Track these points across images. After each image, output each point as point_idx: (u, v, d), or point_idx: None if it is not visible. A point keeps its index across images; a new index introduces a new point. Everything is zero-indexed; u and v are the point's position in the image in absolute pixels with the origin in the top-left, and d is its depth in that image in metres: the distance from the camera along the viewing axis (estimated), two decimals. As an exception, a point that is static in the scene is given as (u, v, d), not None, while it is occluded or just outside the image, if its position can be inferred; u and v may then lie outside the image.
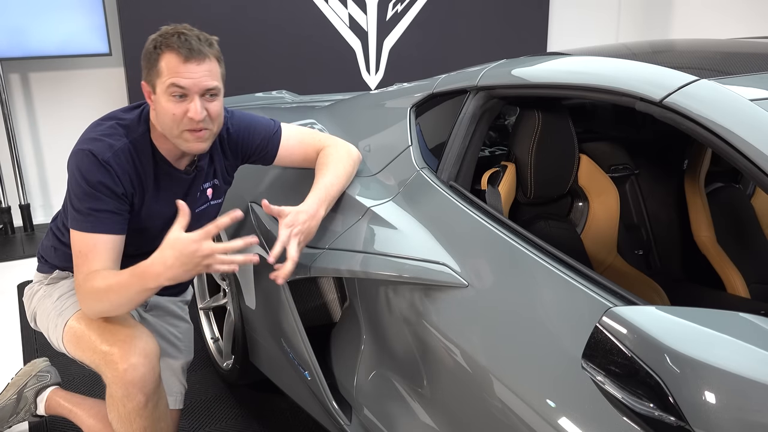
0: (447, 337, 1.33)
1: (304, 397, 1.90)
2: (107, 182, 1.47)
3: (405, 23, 4.65)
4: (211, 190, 1.71)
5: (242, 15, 4.12)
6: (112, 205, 1.49)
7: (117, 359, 1.48)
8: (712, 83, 1.17)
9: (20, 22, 3.62)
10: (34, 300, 1.76)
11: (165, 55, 1.43)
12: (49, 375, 2.02)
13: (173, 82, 1.43)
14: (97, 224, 1.47)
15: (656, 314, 0.98)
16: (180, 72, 1.43)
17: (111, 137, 1.50)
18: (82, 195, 1.47)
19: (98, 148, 1.47)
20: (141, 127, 1.55)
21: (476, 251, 1.38)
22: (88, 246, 1.48)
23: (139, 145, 1.53)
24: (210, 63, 1.46)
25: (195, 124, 1.46)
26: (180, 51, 1.42)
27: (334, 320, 1.87)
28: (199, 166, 1.64)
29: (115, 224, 1.50)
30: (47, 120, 4.06)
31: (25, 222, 4.04)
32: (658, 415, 0.93)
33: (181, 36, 1.44)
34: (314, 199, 1.61)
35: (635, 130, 2.08)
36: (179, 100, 1.45)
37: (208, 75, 1.46)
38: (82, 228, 1.48)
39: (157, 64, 1.45)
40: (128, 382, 1.49)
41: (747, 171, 1.04)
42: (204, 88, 1.46)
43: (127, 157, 1.50)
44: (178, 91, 1.44)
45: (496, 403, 1.21)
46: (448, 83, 1.75)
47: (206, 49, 1.46)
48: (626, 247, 1.98)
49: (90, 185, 1.46)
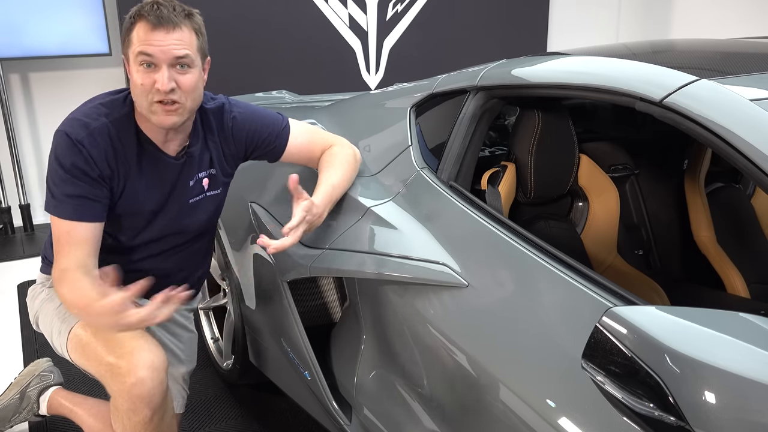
0: (447, 337, 1.33)
1: (304, 397, 1.90)
2: (80, 164, 1.42)
3: (405, 23, 4.65)
4: (207, 180, 1.64)
5: (242, 15, 4.12)
6: (86, 191, 1.44)
7: (124, 372, 1.44)
8: (712, 83, 1.17)
9: (20, 22, 3.62)
10: (37, 302, 1.72)
11: (136, 24, 1.41)
12: (52, 375, 2.02)
13: (141, 50, 1.39)
14: (72, 211, 1.44)
15: (656, 314, 0.98)
16: (148, 39, 1.39)
17: (89, 116, 1.47)
18: (57, 179, 1.44)
19: (73, 129, 1.44)
20: (125, 107, 1.51)
21: (476, 251, 1.38)
22: (61, 232, 1.45)
23: (120, 125, 1.48)
24: (181, 32, 1.41)
25: (163, 95, 1.40)
26: (149, 18, 1.39)
27: (334, 320, 1.87)
28: (190, 152, 1.59)
29: (89, 211, 1.45)
30: (47, 120, 4.06)
31: (25, 222, 4.04)
32: (658, 415, 0.93)
33: (155, 5, 1.41)
34: (322, 197, 1.59)
35: (635, 130, 2.08)
36: (147, 69, 1.40)
37: (178, 43, 1.40)
38: (57, 213, 1.45)
39: (129, 33, 1.42)
40: (135, 396, 1.44)
41: (747, 171, 1.04)
42: (172, 56, 1.40)
43: (104, 137, 1.46)
44: (146, 59, 1.39)
45: (496, 403, 1.21)
46: (448, 83, 1.75)
47: (179, 19, 1.42)
48: (626, 247, 1.98)
49: (64, 169, 1.43)
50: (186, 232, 1.67)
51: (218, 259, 2.30)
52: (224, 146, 1.66)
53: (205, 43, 1.50)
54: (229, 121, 1.65)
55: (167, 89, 1.40)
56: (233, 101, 1.69)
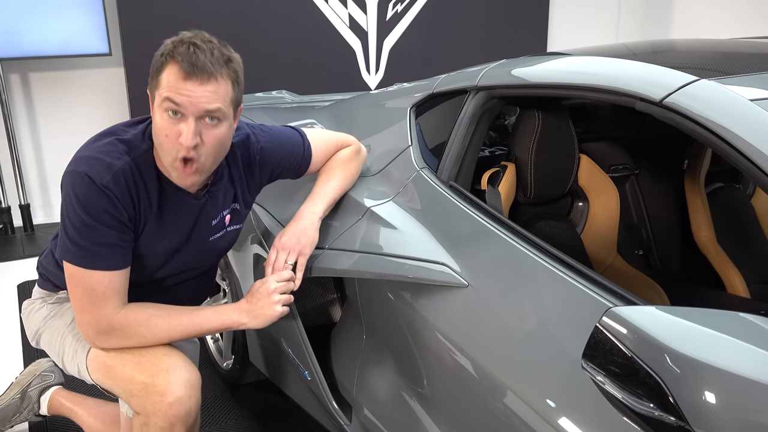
0: (447, 337, 1.33)
1: (304, 397, 1.90)
2: (109, 209, 1.30)
3: (405, 23, 4.64)
4: (229, 216, 1.54)
5: (242, 15, 4.12)
6: (115, 237, 1.33)
7: (161, 392, 1.38)
8: (712, 83, 1.17)
9: (20, 22, 3.61)
10: (37, 318, 1.63)
11: (167, 66, 1.27)
12: (53, 375, 2.02)
13: (168, 96, 1.25)
14: (99, 260, 1.32)
15: (656, 314, 0.98)
16: (178, 87, 1.25)
17: (110, 155, 1.32)
18: (81, 226, 1.30)
19: (95, 171, 1.29)
20: (144, 143, 1.37)
21: (476, 251, 1.38)
22: (91, 283, 1.33)
23: (141, 164, 1.35)
24: (216, 84, 1.27)
25: (185, 152, 1.28)
26: (182, 65, 1.25)
27: (334, 320, 1.87)
28: (212, 191, 1.47)
29: (118, 258, 1.35)
30: (47, 120, 4.06)
31: (25, 222, 4.03)
32: (658, 415, 0.93)
33: (191, 47, 1.26)
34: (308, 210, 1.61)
35: (635, 130, 2.08)
36: (173, 117, 1.27)
37: (210, 96, 1.27)
38: (82, 264, 1.32)
39: (159, 74, 1.28)
40: (173, 416, 1.38)
41: (747, 171, 1.04)
42: (202, 110, 1.27)
43: (129, 178, 1.33)
44: (172, 107, 1.26)
45: (496, 403, 1.21)
46: (448, 83, 1.75)
47: (216, 68, 1.27)
48: (626, 247, 1.98)
49: (90, 216, 1.29)
50: (201, 267, 1.62)
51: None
52: (249, 178, 1.57)
53: (241, 92, 1.37)
54: (257, 153, 1.56)
55: (191, 145, 1.27)
56: (256, 129, 1.60)
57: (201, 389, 1.47)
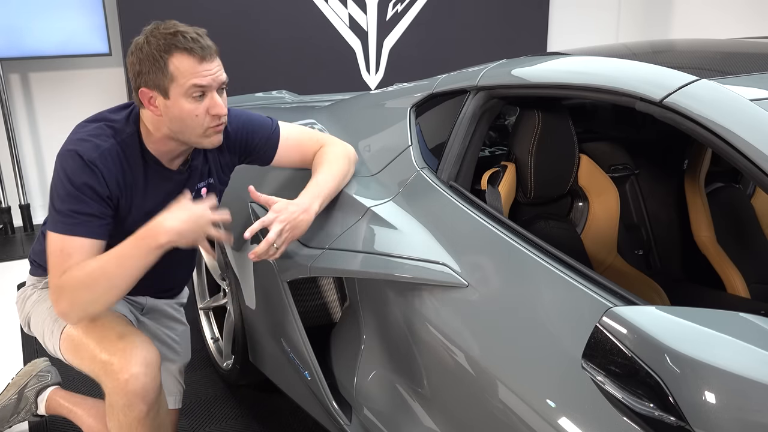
0: (447, 337, 1.33)
1: (304, 397, 1.90)
2: (92, 183, 1.43)
3: (405, 23, 4.64)
4: (205, 189, 1.69)
5: (242, 15, 4.12)
6: (95, 208, 1.44)
7: (117, 369, 1.46)
8: (712, 83, 1.17)
9: (20, 22, 3.62)
10: (28, 304, 1.73)
11: (176, 59, 1.41)
12: (50, 375, 2.02)
13: (194, 83, 1.42)
14: (78, 227, 1.43)
15: (656, 314, 0.98)
16: (199, 72, 1.42)
17: (98, 138, 1.47)
18: (65, 196, 1.43)
19: (85, 149, 1.44)
20: (129, 127, 1.52)
21: (476, 251, 1.38)
22: (67, 248, 1.42)
23: (127, 146, 1.50)
24: (218, 59, 1.48)
25: (218, 120, 1.47)
26: (194, 52, 1.41)
27: (334, 320, 1.87)
28: (193, 165, 1.63)
29: (96, 228, 1.45)
30: (47, 120, 4.06)
31: (25, 222, 4.03)
32: (658, 415, 0.93)
33: (183, 36, 1.42)
34: (307, 194, 1.62)
35: (635, 130, 2.09)
36: (198, 100, 1.44)
37: (219, 68, 1.47)
38: (61, 230, 1.43)
39: (166, 68, 1.41)
40: (130, 392, 1.46)
41: (747, 171, 1.04)
42: (220, 82, 1.47)
43: (115, 158, 1.47)
44: (199, 90, 1.43)
45: (496, 403, 1.21)
46: (448, 83, 1.75)
47: (211, 45, 1.46)
48: (626, 247, 1.98)
49: (74, 186, 1.43)
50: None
51: (218, 259, 2.30)
52: (220, 156, 1.70)
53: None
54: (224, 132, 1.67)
55: (225, 112, 1.48)
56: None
57: (160, 367, 1.52)
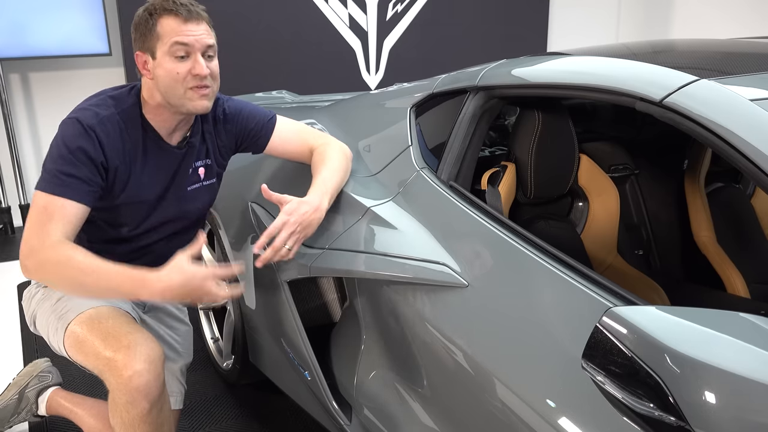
0: (447, 337, 1.33)
1: (304, 397, 1.90)
2: (87, 148, 1.46)
3: (405, 23, 4.65)
4: (203, 169, 1.71)
5: (242, 15, 4.12)
6: (84, 173, 1.46)
7: (121, 366, 1.46)
8: (712, 83, 1.17)
9: (20, 22, 3.62)
10: (33, 302, 1.74)
11: (163, 19, 1.47)
12: (51, 375, 2.02)
13: (176, 40, 1.46)
14: (64, 188, 1.44)
15: (656, 314, 0.98)
16: (182, 31, 1.47)
17: (99, 107, 1.52)
18: (58, 158, 1.45)
19: (85, 116, 1.48)
20: (131, 99, 1.56)
21: (476, 251, 1.38)
22: (51, 207, 1.42)
23: (127, 116, 1.54)
24: (206, 24, 1.52)
25: (199, 81, 1.49)
26: (179, 12, 1.47)
27: (334, 320, 1.87)
28: (191, 142, 1.65)
29: (83, 193, 1.46)
30: (47, 120, 4.06)
31: (25, 222, 4.03)
32: (658, 415, 0.93)
33: (175, 1, 1.48)
34: (316, 192, 1.61)
35: (635, 130, 2.08)
36: (182, 59, 1.48)
37: (206, 33, 1.51)
38: (47, 189, 1.44)
39: (154, 29, 1.48)
40: (133, 389, 1.46)
41: (747, 171, 1.04)
42: (205, 44, 1.50)
43: (114, 126, 1.51)
44: (182, 49, 1.47)
45: (496, 403, 1.21)
46: (448, 83, 1.75)
47: (200, 11, 1.51)
48: (626, 247, 1.98)
49: (69, 150, 1.45)
50: (184, 219, 1.73)
51: (218, 259, 2.30)
52: (217, 138, 1.73)
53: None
54: (221, 113, 1.72)
55: (206, 73, 1.49)
56: (224, 96, 1.75)
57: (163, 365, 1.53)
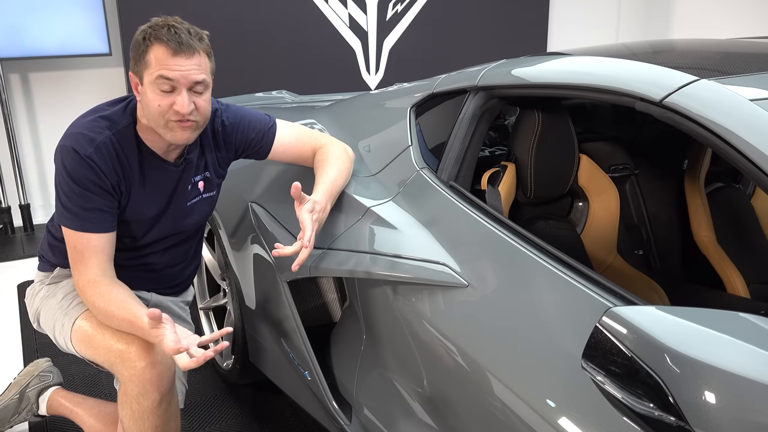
0: (447, 337, 1.33)
1: (304, 397, 1.90)
2: (92, 178, 1.47)
3: (405, 23, 4.65)
4: (202, 183, 1.70)
5: (242, 15, 4.12)
6: (100, 203, 1.49)
7: (135, 357, 1.48)
8: (712, 83, 1.17)
9: (20, 22, 3.62)
10: (37, 300, 1.74)
11: (154, 48, 1.43)
12: (51, 375, 2.02)
13: (161, 74, 1.42)
14: (86, 223, 1.49)
15: (656, 314, 0.98)
16: (168, 64, 1.42)
17: (93, 131, 1.50)
18: (70, 193, 1.48)
19: (80, 144, 1.47)
20: (125, 119, 1.54)
21: (476, 251, 1.38)
22: (81, 243, 1.50)
23: (122, 137, 1.52)
24: (199, 57, 1.46)
25: (181, 116, 1.46)
26: (169, 44, 1.42)
27: (334, 320, 1.87)
28: (188, 158, 1.64)
29: (104, 222, 1.51)
30: (47, 120, 4.06)
31: (25, 222, 4.04)
32: (658, 415, 0.93)
33: (171, 29, 1.43)
34: (322, 192, 1.60)
35: (635, 130, 2.08)
36: (166, 92, 1.44)
37: (196, 68, 1.45)
38: (71, 226, 1.50)
39: (145, 55, 1.44)
40: (146, 380, 1.48)
41: (747, 171, 1.04)
42: (192, 81, 1.45)
43: (110, 150, 1.50)
44: (167, 83, 1.43)
45: (496, 403, 1.21)
46: (448, 83, 1.75)
47: (196, 43, 1.45)
48: (626, 247, 1.98)
49: (76, 183, 1.47)
50: (184, 232, 1.74)
51: (218, 259, 2.30)
52: (216, 150, 1.72)
53: (214, 63, 1.55)
54: (219, 125, 1.70)
55: (187, 112, 1.45)
56: (223, 105, 1.73)
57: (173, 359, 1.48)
